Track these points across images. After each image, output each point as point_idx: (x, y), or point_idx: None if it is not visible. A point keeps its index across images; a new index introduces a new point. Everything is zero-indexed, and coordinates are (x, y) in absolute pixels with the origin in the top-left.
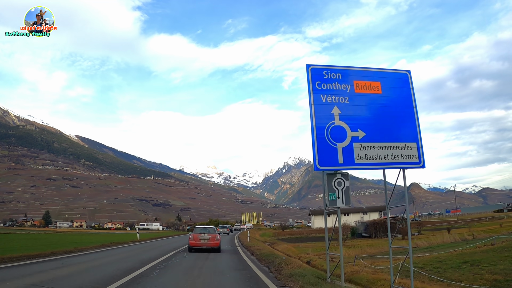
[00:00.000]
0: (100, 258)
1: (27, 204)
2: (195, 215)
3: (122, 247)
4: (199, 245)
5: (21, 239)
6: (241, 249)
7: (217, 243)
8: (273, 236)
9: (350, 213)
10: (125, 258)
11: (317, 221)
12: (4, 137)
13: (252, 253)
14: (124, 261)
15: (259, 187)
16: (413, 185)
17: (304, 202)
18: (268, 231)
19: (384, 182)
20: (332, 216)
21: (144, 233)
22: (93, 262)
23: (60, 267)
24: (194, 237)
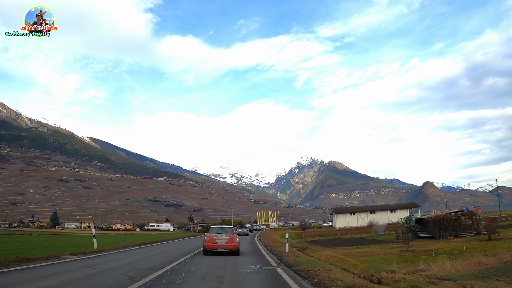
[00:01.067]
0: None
1: (38, 205)
2: (207, 215)
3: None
4: (215, 247)
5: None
6: (270, 257)
7: (236, 244)
8: (297, 237)
9: (377, 211)
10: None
11: (340, 220)
12: (17, 139)
13: (289, 265)
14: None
15: (271, 187)
16: (427, 183)
17: (317, 202)
18: (287, 231)
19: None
20: (357, 215)
21: (142, 234)
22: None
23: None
24: (209, 238)
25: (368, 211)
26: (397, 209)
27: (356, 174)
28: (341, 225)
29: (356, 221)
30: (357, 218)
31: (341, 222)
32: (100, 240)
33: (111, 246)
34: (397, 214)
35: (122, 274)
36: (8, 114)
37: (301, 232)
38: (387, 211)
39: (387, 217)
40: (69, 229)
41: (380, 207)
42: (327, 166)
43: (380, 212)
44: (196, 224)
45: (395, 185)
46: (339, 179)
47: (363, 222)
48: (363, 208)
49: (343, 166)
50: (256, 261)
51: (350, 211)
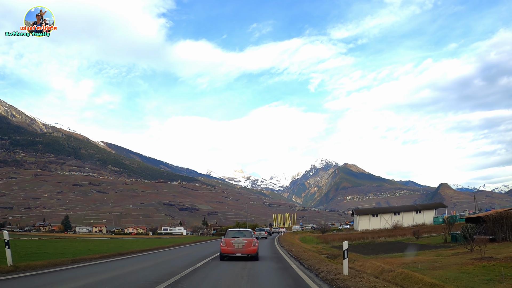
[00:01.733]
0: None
1: (52, 209)
2: (222, 219)
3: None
4: (233, 252)
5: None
6: (299, 270)
7: (255, 249)
8: (321, 241)
9: (401, 212)
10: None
11: (362, 222)
12: (32, 144)
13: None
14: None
15: (286, 190)
16: (442, 185)
17: (332, 205)
18: (306, 234)
19: None
20: (380, 216)
21: (153, 238)
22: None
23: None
24: (226, 242)
25: (392, 212)
26: (423, 209)
27: (371, 176)
28: (363, 227)
29: (379, 223)
30: (380, 220)
31: (363, 224)
32: (87, 246)
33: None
34: (422, 215)
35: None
36: (23, 119)
37: (322, 235)
38: (412, 212)
39: (412, 219)
40: (79, 233)
41: (404, 208)
42: (342, 169)
43: (405, 213)
44: (210, 228)
45: (410, 187)
46: (354, 182)
47: (386, 224)
48: (386, 209)
49: (357, 169)
50: (272, 255)
51: (372, 213)
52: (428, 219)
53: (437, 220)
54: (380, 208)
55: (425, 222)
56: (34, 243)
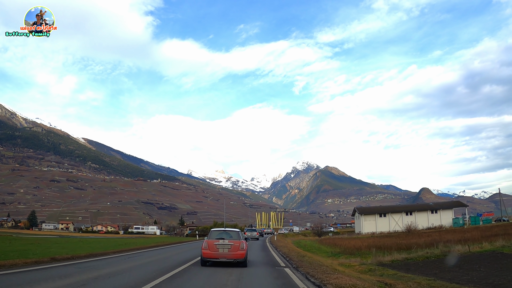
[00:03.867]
0: None
1: (28, 205)
2: (201, 219)
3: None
4: (216, 256)
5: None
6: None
7: (243, 253)
8: (340, 251)
9: (414, 211)
10: None
11: (368, 223)
12: (10, 138)
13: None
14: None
15: (267, 191)
16: (424, 190)
17: (313, 207)
18: (298, 237)
19: None
20: (389, 217)
21: (117, 238)
22: None
23: None
24: (209, 244)
25: (403, 212)
26: (439, 209)
27: (352, 180)
28: (369, 229)
29: (388, 224)
30: (389, 221)
31: (368, 226)
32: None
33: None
34: (439, 216)
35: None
36: (3, 113)
37: (320, 239)
38: (427, 211)
39: (427, 220)
40: (44, 231)
41: (418, 206)
42: (323, 171)
43: (419, 213)
44: (185, 228)
45: (391, 191)
46: (335, 185)
47: (397, 226)
48: (395, 208)
49: (339, 172)
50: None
51: (379, 212)
52: (446, 220)
53: (457, 222)
54: (388, 207)
55: (443, 224)
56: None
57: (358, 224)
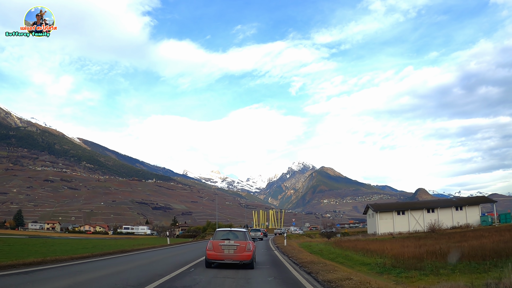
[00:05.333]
0: None
1: (20, 205)
2: (196, 219)
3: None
4: (221, 258)
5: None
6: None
7: (249, 254)
8: (352, 253)
9: (437, 208)
10: None
11: (384, 222)
12: (4, 138)
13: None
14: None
15: (262, 192)
16: (420, 190)
17: (308, 207)
18: (304, 239)
19: None
20: (408, 214)
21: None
22: None
23: None
24: (213, 245)
25: (424, 209)
26: (465, 205)
27: (348, 180)
28: (386, 229)
29: (408, 223)
30: (409, 219)
31: (385, 225)
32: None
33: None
34: (465, 213)
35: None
36: None
37: (324, 239)
38: (451, 208)
39: (451, 218)
40: (29, 231)
41: (441, 202)
42: (319, 172)
43: (442, 210)
44: (176, 228)
45: (386, 192)
46: (331, 185)
47: (417, 225)
48: (415, 204)
49: (334, 172)
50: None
51: (397, 209)
52: (473, 218)
53: (485, 220)
54: (407, 203)
55: (469, 222)
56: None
57: (371, 223)
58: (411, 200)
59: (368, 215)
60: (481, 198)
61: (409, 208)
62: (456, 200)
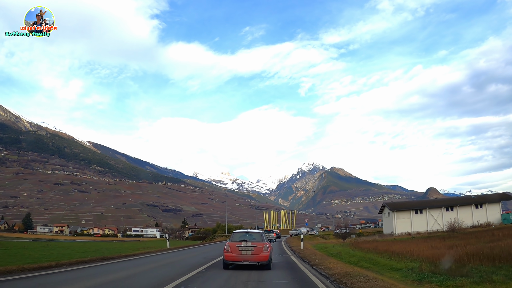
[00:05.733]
0: None
1: (31, 208)
2: (207, 221)
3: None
4: (239, 259)
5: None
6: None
7: (266, 255)
8: (375, 255)
9: (456, 206)
10: None
11: (401, 221)
12: (15, 142)
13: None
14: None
15: (273, 193)
16: (431, 189)
17: (319, 208)
18: (317, 240)
19: None
20: (426, 213)
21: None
22: None
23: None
24: (231, 246)
25: (443, 207)
26: (485, 202)
27: (358, 180)
28: (403, 229)
29: (426, 222)
30: (427, 218)
31: (402, 225)
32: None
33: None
34: (485, 211)
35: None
36: (8, 117)
37: (354, 244)
38: (471, 206)
39: (471, 216)
40: (36, 234)
41: (460, 200)
42: (329, 172)
43: (461, 208)
44: (185, 230)
45: (397, 192)
46: (341, 185)
47: (436, 224)
48: (434, 202)
49: (345, 173)
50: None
51: (414, 207)
52: (494, 216)
53: (507, 218)
54: (425, 202)
55: (490, 220)
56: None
57: (388, 223)
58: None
59: (384, 214)
60: (502, 195)
61: (427, 206)
62: (475, 197)
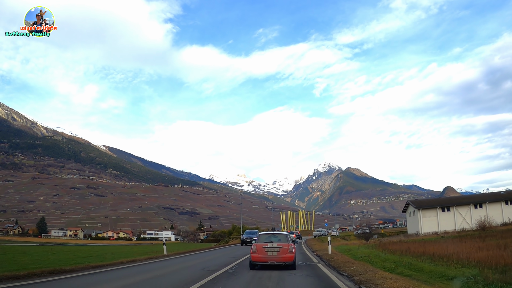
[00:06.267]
0: None
1: (47, 213)
2: (223, 223)
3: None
4: (265, 260)
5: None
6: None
7: (291, 256)
8: (420, 262)
9: (486, 202)
10: None
11: (428, 220)
12: (31, 147)
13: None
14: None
15: (289, 194)
16: (448, 188)
17: (336, 209)
18: (338, 242)
19: None
20: (454, 211)
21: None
22: None
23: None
24: (257, 248)
25: (471, 204)
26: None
27: (375, 180)
28: (429, 228)
29: (454, 220)
30: (455, 216)
31: (428, 224)
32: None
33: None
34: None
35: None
36: (24, 123)
37: (380, 245)
38: (500, 202)
39: (500, 213)
40: (51, 238)
41: (490, 196)
42: (345, 173)
43: (491, 205)
44: (201, 232)
45: (414, 191)
46: (357, 186)
47: (464, 223)
48: (461, 199)
49: (361, 173)
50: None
51: (441, 205)
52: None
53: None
54: (452, 199)
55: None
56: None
57: (412, 222)
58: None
59: (408, 213)
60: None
61: (455, 203)
62: (504, 193)
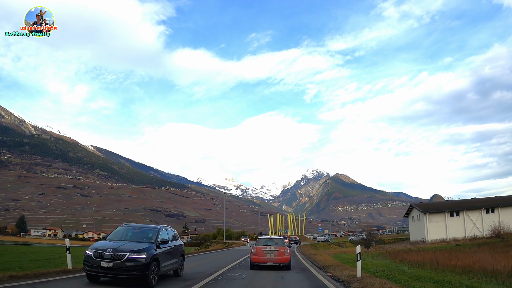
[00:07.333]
0: None
1: (32, 212)
2: (210, 226)
3: None
4: (264, 261)
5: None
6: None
7: (287, 258)
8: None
9: (499, 206)
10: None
11: (434, 225)
12: (18, 145)
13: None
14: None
15: (277, 199)
16: (436, 196)
17: (323, 215)
18: (335, 249)
19: None
20: (464, 215)
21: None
22: None
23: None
24: (257, 250)
25: (483, 208)
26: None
27: (362, 187)
28: (437, 235)
29: (463, 226)
30: (465, 221)
31: (436, 230)
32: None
33: None
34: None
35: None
36: (12, 120)
37: (387, 254)
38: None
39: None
40: (27, 238)
41: (503, 200)
42: (333, 179)
43: (504, 209)
44: (183, 235)
45: (401, 198)
46: (345, 192)
47: (474, 229)
48: (472, 203)
49: (349, 179)
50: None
51: (450, 209)
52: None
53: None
54: (461, 202)
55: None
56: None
57: (417, 227)
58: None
59: (412, 217)
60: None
61: (465, 207)
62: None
